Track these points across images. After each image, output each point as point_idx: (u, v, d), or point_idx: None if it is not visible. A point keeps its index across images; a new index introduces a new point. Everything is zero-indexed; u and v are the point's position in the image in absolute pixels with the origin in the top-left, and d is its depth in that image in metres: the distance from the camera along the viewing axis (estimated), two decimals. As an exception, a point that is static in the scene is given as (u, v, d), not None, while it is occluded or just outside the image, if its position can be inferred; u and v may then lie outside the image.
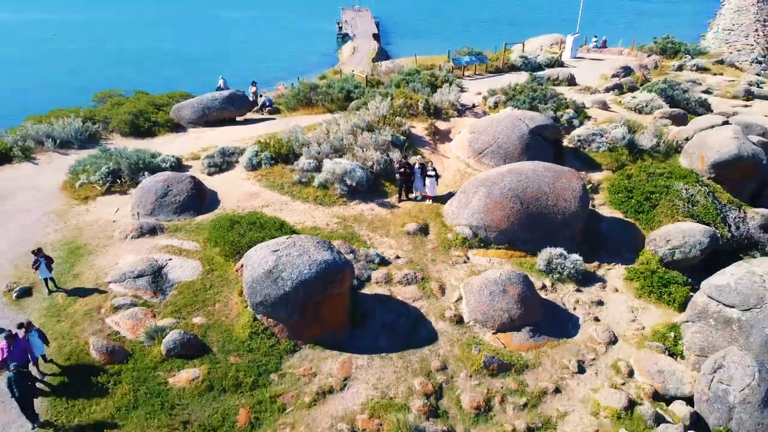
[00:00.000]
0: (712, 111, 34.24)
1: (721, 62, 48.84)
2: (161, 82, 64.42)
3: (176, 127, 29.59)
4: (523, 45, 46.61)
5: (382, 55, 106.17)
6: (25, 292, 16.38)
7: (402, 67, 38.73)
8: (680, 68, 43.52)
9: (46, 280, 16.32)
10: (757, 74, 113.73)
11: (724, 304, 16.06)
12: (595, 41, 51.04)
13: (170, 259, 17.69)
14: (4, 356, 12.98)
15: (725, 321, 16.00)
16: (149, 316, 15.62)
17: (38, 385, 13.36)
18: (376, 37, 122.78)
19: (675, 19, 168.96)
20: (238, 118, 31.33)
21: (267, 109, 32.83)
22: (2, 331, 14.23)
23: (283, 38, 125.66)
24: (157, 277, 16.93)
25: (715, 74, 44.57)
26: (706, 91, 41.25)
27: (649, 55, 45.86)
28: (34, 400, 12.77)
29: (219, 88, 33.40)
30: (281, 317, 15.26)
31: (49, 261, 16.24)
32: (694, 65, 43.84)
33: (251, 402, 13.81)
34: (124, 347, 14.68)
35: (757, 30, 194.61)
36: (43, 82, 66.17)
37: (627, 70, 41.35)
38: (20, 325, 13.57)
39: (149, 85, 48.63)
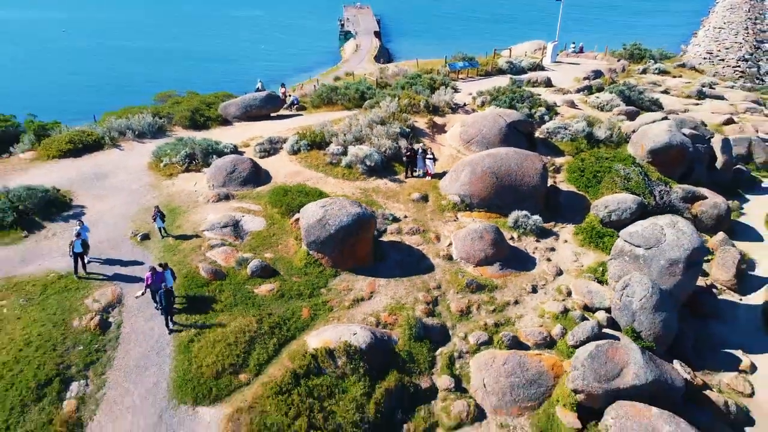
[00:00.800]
0: (662, 108, 40.87)
1: (683, 65, 55.42)
2: (180, 81, 70.83)
3: (224, 121, 36.22)
4: (510, 51, 53.25)
5: (383, 52, 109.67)
6: (146, 237, 23.02)
7: (406, 71, 45.32)
8: (644, 71, 50.18)
9: (160, 228, 22.95)
10: (742, 71, 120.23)
11: (633, 245, 22.73)
12: (573, 47, 57.65)
13: (243, 216, 24.35)
14: (148, 283, 19.47)
15: (634, 257, 22.67)
16: (235, 251, 22.28)
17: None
18: (377, 34, 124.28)
19: (668, 18, 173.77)
20: (272, 114, 37.97)
21: (295, 106, 39.45)
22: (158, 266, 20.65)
23: (285, 36, 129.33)
24: (236, 227, 23.59)
25: (674, 77, 51.20)
26: (665, 92, 47.90)
27: (618, 60, 52.53)
28: (171, 314, 19.17)
29: (257, 90, 40.01)
30: (327, 252, 21.93)
31: (162, 215, 22.89)
32: (657, 69, 50.48)
33: (310, 304, 20.48)
34: (221, 270, 21.34)
35: (747, 28, 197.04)
36: (90, 80, 72.81)
37: (597, 74, 47.97)
38: (160, 265, 19.89)
39: (174, 83, 55.25)
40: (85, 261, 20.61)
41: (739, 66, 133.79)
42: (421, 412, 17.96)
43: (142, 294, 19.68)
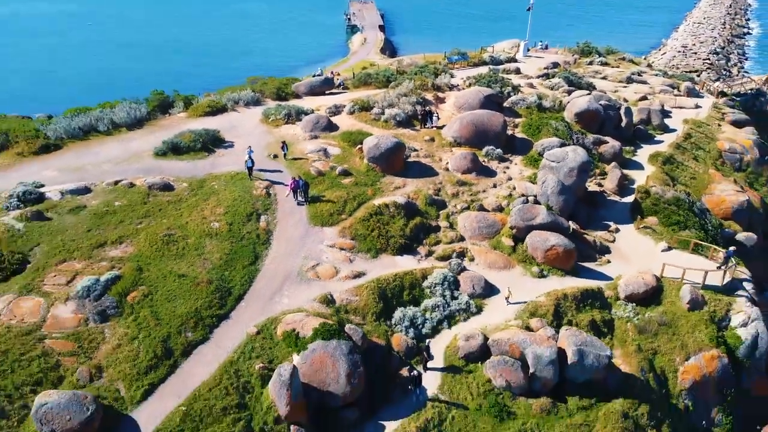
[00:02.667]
0: (595, 89, 57.14)
1: (623, 59, 71.71)
2: (211, 72, 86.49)
3: (296, 96, 52.47)
4: (493, 48, 69.50)
5: (387, 45, 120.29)
6: (275, 156, 39.31)
7: (417, 63, 61.62)
8: (591, 63, 66.41)
9: (284, 153, 39.35)
10: (711, 63, 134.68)
11: (550, 160, 39.15)
12: (541, 45, 73.87)
13: (327, 146, 40.77)
14: (292, 187, 35.57)
15: (550, 167, 39.07)
16: (327, 163, 38.75)
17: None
18: (381, 28, 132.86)
19: (652, 14, 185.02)
20: (326, 92, 54.23)
21: (341, 86, 55.74)
22: (299, 181, 37.21)
23: (294, 30, 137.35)
24: (325, 152, 40.01)
25: (614, 67, 67.50)
26: (604, 78, 64.20)
27: (573, 55, 68.79)
28: (306, 195, 35.37)
29: (316, 75, 56.12)
30: (379, 163, 38.32)
31: (285, 145, 39.33)
32: (600, 61, 66.79)
33: (372, 188, 36.79)
34: (322, 172, 37.67)
35: (724, 23, 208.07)
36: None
37: (555, 65, 64.22)
38: (299, 176, 36.06)
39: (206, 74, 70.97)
40: (252, 167, 37.07)
41: (708, 59, 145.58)
42: (431, 235, 34.50)
43: (290, 190, 35.71)
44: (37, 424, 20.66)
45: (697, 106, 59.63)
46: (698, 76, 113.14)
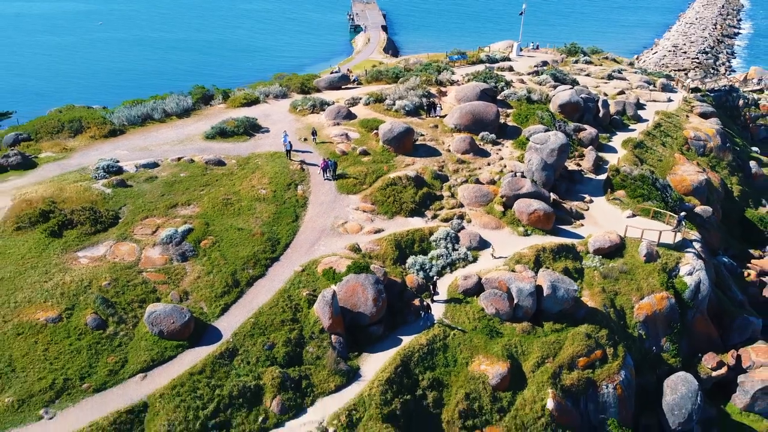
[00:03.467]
0: (578, 85, 64.22)
1: (606, 58, 78.80)
2: (227, 68, 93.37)
3: (317, 90, 59.57)
4: (489, 48, 76.55)
5: (390, 44, 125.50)
6: (305, 140, 46.45)
7: (421, 61, 68.70)
8: (576, 62, 73.51)
9: (314, 138, 46.41)
10: (699, 62, 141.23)
11: (534, 143, 46.25)
12: (533, 45, 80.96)
13: (348, 132, 47.83)
14: (322, 166, 42.58)
15: (535, 148, 46.13)
16: (349, 144, 45.85)
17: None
18: (384, 28, 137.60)
19: (647, 15, 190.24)
20: (342, 86, 61.28)
21: (356, 82, 62.79)
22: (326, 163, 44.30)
23: (298, 29, 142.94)
24: (346, 136, 47.04)
25: (597, 65, 74.57)
26: (588, 75, 71.29)
27: (561, 55, 75.88)
28: (335, 171, 42.45)
29: (333, 72, 63.13)
30: (392, 145, 45.38)
31: (315, 131, 46.42)
32: (585, 60, 73.87)
33: (387, 165, 43.78)
34: (345, 152, 44.74)
35: (715, 24, 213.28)
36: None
37: (544, 63, 71.26)
38: (328, 158, 43.14)
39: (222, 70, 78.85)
40: (290, 150, 44.06)
41: (697, 58, 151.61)
42: (436, 202, 41.58)
43: (321, 169, 42.73)
44: (149, 326, 27.82)
45: (669, 100, 66.75)
46: (686, 74, 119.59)
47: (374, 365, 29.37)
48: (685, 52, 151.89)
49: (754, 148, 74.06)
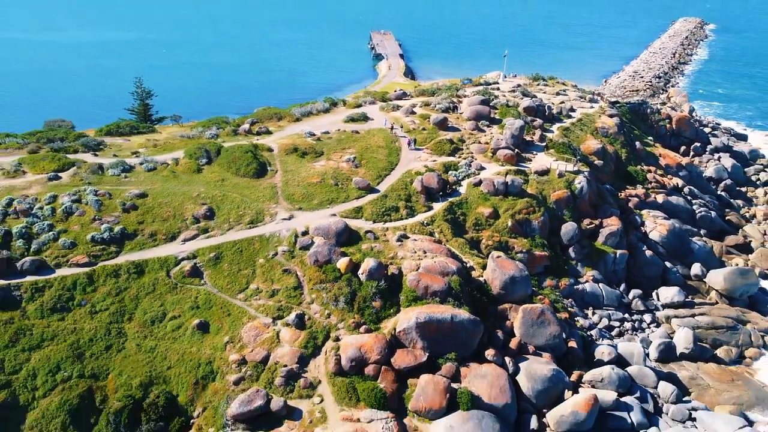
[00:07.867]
0: (536, 97, 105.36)
1: (558, 82, 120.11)
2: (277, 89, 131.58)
3: (389, 99, 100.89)
4: (485, 76, 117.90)
5: (408, 71, 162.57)
6: (393, 125, 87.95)
7: (445, 84, 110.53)
8: (538, 84, 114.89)
9: (400, 126, 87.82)
10: (651, 85, 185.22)
11: (507, 125, 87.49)
12: (512, 74, 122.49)
13: (413, 120, 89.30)
14: (408, 141, 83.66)
15: (508, 127, 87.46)
16: (416, 126, 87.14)
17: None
18: (401, 56, 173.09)
19: (620, 46, 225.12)
20: (403, 98, 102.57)
21: (409, 96, 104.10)
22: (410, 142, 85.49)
23: (327, 57, 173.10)
24: (413, 122, 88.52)
25: (551, 87, 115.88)
26: (544, 92, 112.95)
27: (529, 80, 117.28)
28: (414, 146, 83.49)
29: (397, 90, 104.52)
30: (437, 125, 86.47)
31: (396, 124, 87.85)
32: (543, 83, 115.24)
33: (436, 134, 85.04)
34: (415, 129, 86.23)
35: (674, 53, 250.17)
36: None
37: (518, 85, 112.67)
38: (412, 138, 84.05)
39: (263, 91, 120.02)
40: (391, 127, 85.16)
41: (651, 82, 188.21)
42: (460, 151, 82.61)
43: (407, 142, 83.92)
44: (354, 184, 69.42)
45: (592, 107, 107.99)
46: (637, 93, 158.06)
47: (439, 207, 70.38)
48: (642, 77, 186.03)
49: (650, 138, 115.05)
